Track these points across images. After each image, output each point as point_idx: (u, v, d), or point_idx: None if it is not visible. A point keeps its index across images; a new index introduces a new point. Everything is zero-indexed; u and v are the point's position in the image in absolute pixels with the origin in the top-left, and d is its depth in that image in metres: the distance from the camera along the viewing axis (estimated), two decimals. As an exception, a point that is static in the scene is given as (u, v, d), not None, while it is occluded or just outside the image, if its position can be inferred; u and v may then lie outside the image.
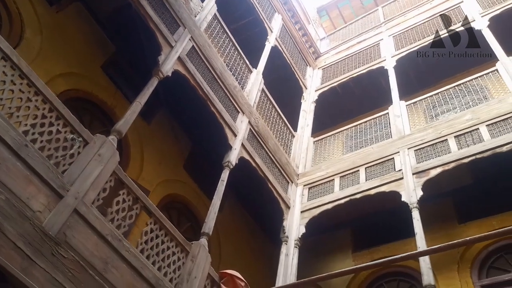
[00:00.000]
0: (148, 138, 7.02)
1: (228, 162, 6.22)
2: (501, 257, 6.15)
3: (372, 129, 7.99)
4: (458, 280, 6.13)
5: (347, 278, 7.05)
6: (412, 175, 6.38)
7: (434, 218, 6.52)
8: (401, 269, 6.79)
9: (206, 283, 4.89)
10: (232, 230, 7.97)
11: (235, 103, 7.01)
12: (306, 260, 6.78)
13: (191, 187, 7.55)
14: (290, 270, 6.23)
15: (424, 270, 5.07)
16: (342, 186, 7.14)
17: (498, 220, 6.40)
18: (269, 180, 7.02)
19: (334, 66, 10.73)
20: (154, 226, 4.57)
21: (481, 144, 6.13)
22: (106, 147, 4.29)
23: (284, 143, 8.17)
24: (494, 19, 8.15)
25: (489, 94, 6.98)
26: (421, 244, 5.41)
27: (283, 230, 6.82)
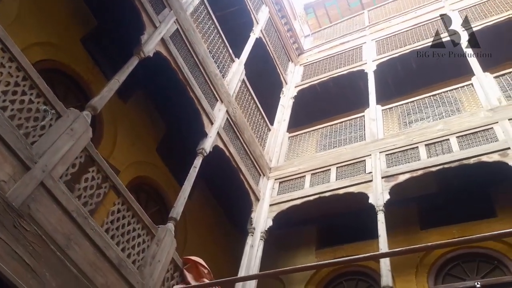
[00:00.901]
0: (123, 118, 6.90)
1: (202, 149, 6.19)
2: (457, 265, 6.36)
3: (347, 130, 8.10)
4: (415, 284, 6.31)
5: (309, 273, 7.16)
6: (381, 179, 6.52)
7: (398, 222, 6.68)
8: (361, 269, 6.94)
9: (169, 268, 4.88)
10: (200, 218, 7.96)
11: (215, 91, 6.97)
12: (271, 253, 6.85)
13: (162, 171, 7.48)
14: (254, 261, 6.28)
15: (384, 271, 5.20)
16: (313, 183, 7.23)
17: (459, 229, 6.61)
18: (241, 171, 7.03)
19: (315, 64, 10.80)
20: (121, 207, 4.51)
21: (450, 154, 6.31)
22: (79, 122, 4.20)
23: (259, 136, 8.19)
24: (474, 34, 8.35)
25: (462, 107, 7.18)
26: (383, 246, 5.54)
27: (251, 221, 6.86)
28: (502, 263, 6.08)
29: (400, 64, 9.39)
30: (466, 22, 8.85)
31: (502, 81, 7.05)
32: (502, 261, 6.08)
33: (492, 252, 6.18)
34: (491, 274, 6.07)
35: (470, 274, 6.17)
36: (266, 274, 5.23)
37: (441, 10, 9.73)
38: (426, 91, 8.27)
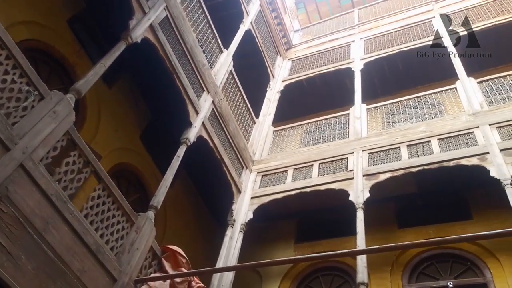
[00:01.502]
0: (107, 103, 6.82)
1: (186, 138, 6.16)
2: (432, 264, 6.49)
3: (331, 127, 8.16)
4: (390, 281, 6.42)
5: (286, 267, 7.23)
6: (363, 177, 6.60)
7: (376, 220, 6.77)
8: (338, 265, 7.03)
9: (148, 256, 4.86)
10: (180, 207, 7.94)
11: (202, 81, 6.93)
12: (250, 245, 6.88)
13: (144, 158, 7.43)
14: (233, 253, 6.30)
15: (360, 268, 5.28)
16: (295, 178, 7.27)
17: (435, 230, 6.75)
18: (224, 163, 7.03)
19: (303, 59, 10.83)
20: (102, 193, 4.47)
21: (431, 156, 6.42)
22: (62, 105, 4.13)
23: (244, 128, 8.19)
24: (460, 38, 8.47)
25: (445, 110, 7.30)
26: (361, 243, 5.62)
27: (231, 213, 6.87)
28: (475, 264, 6.23)
29: (387, 64, 9.48)
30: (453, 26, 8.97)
31: (485, 87, 7.18)
32: (475, 263, 6.23)
33: (466, 254, 6.33)
34: (463, 275, 6.22)
35: (443, 274, 6.31)
36: (244, 266, 5.26)
37: (430, 13, 9.85)
38: (411, 92, 8.38)
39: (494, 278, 5.94)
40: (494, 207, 6.29)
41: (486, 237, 5.08)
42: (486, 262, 6.13)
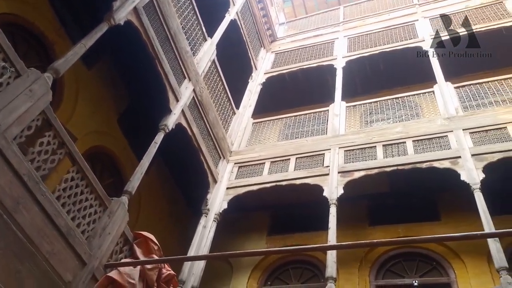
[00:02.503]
0: (85, 84, 6.69)
1: (164, 125, 6.11)
2: (399, 263, 6.66)
3: (310, 122, 8.23)
4: (357, 276, 6.56)
5: (257, 258, 7.28)
6: (338, 174, 6.69)
7: (348, 216, 6.87)
8: (308, 259, 7.13)
9: (119, 241, 4.82)
10: (155, 194, 7.90)
11: (184, 68, 6.87)
12: (222, 235, 6.90)
13: (121, 143, 7.34)
14: (205, 242, 6.32)
15: (329, 262, 5.37)
16: (271, 171, 7.32)
17: (404, 229, 6.91)
18: (202, 152, 7.01)
19: (287, 53, 10.84)
20: (76, 175, 4.41)
21: (405, 157, 6.56)
22: (39, 84, 4.04)
23: (224, 118, 8.17)
24: (441, 43, 8.64)
25: (422, 112, 7.45)
26: (332, 238, 5.72)
27: (206, 202, 6.88)
28: (440, 264, 6.42)
29: (369, 64, 9.59)
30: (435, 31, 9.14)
31: (461, 92, 7.36)
32: (441, 263, 6.42)
33: (432, 254, 6.51)
34: (429, 274, 6.40)
35: (409, 272, 6.48)
36: (215, 255, 5.30)
37: (414, 16, 10.00)
38: (390, 93, 8.51)
39: (458, 279, 6.14)
40: (462, 210, 6.47)
41: (453, 238, 5.25)
42: (451, 263, 6.32)
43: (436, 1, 10.31)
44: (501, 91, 7.05)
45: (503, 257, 4.77)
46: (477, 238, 5.49)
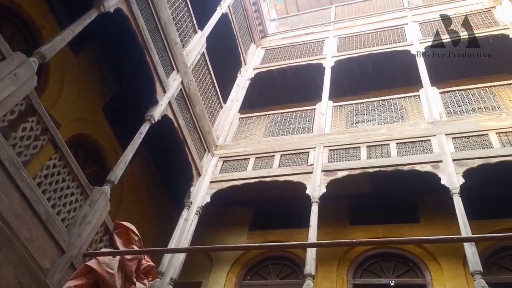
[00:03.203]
0: (72, 70, 6.60)
1: (151, 116, 6.07)
2: (377, 262, 6.76)
3: (296, 120, 8.26)
4: (336, 275, 6.64)
5: (237, 253, 7.31)
6: (321, 172, 6.74)
7: (330, 215, 6.93)
8: (288, 255, 7.19)
9: (100, 230, 4.80)
10: (138, 185, 7.85)
11: (172, 60, 6.83)
12: (204, 229, 6.91)
13: (106, 132, 7.27)
14: (186, 235, 6.32)
15: (309, 260, 5.42)
16: (255, 167, 7.34)
17: (383, 230, 7.02)
18: (187, 144, 6.99)
19: (277, 50, 10.85)
20: (58, 162, 4.36)
21: (388, 159, 6.64)
22: (24, 68, 3.98)
23: (210, 112, 8.15)
24: (429, 48, 8.75)
25: (407, 115, 7.55)
26: (313, 236, 5.77)
27: (189, 195, 6.86)
28: (417, 266, 6.54)
29: (357, 65, 9.65)
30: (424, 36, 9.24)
31: (446, 97, 7.47)
32: (417, 264, 6.54)
33: (410, 255, 6.63)
34: (405, 275, 6.51)
35: (387, 272, 6.59)
36: (196, 248, 5.31)
37: (404, 20, 10.10)
38: (377, 94, 8.60)
39: (433, 280, 6.27)
40: (441, 213, 6.59)
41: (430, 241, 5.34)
42: (427, 264, 6.44)
43: (426, 6, 10.43)
44: (485, 98, 7.18)
45: (478, 261, 4.87)
46: (454, 242, 5.60)
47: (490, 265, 6.19)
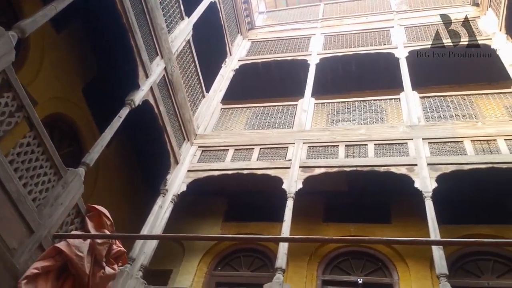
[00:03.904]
0: (52, 48, 6.45)
1: (131, 100, 5.99)
2: (347, 260, 6.87)
3: (278, 114, 8.28)
4: (306, 270, 6.72)
5: (210, 243, 7.33)
6: (299, 168, 6.78)
7: (304, 211, 6.98)
8: (260, 248, 7.24)
9: (71, 212, 4.73)
10: (114, 169, 7.76)
11: (157, 45, 6.75)
12: (178, 217, 6.88)
13: (84, 113, 7.14)
14: (160, 222, 6.28)
15: (280, 254, 5.45)
16: (234, 159, 7.33)
17: (356, 228, 7.14)
18: (166, 131, 6.93)
19: (263, 43, 10.82)
20: (32, 141, 4.27)
21: (365, 159, 6.73)
22: (2, 42, 3.88)
23: (192, 101, 8.09)
24: (413, 53, 8.87)
25: (386, 117, 7.64)
26: (286, 231, 5.80)
27: (165, 183, 6.82)
28: (385, 265, 6.67)
29: (342, 64, 9.71)
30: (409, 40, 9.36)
31: (426, 102, 7.59)
32: (386, 264, 6.67)
33: (379, 255, 6.76)
34: (374, 274, 6.64)
35: (356, 270, 6.71)
36: (168, 236, 5.29)
37: (390, 23, 10.19)
38: (359, 95, 8.69)
39: (400, 281, 6.41)
40: (412, 216, 6.72)
41: (400, 242, 5.46)
42: (395, 265, 6.58)
43: (412, 11, 10.55)
44: (463, 106, 7.33)
45: (444, 264, 4.99)
46: (422, 244, 5.73)
47: (456, 269, 6.36)
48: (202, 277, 7.07)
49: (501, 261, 6.38)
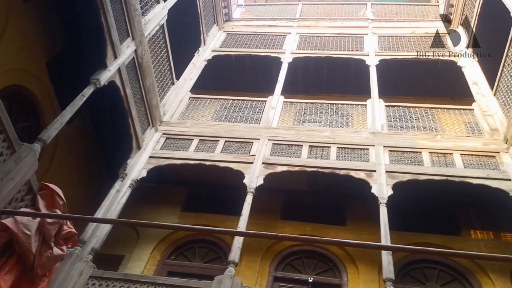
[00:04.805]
0: (17, 16, 6.17)
1: (96, 80, 5.84)
2: (300, 258, 6.97)
3: (246, 109, 8.28)
4: (259, 265, 6.77)
5: (166, 231, 7.28)
6: (261, 164, 6.82)
7: (263, 207, 7.04)
8: (216, 240, 7.24)
9: (22, 189, 4.56)
10: (73, 148, 7.54)
11: (129, 26, 6.60)
12: (135, 203, 6.77)
13: (46, 88, 6.89)
14: (115, 206, 6.17)
15: (235, 248, 5.49)
16: (198, 149, 7.28)
17: (311, 228, 7.25)
18: (131, 115, 6.79)
19: (239, 36, 10.78)
20: (-14, 111, 4.10)
21: (327, 161, 6.83)
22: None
23: (161, 86, 7.97)
24: (383, 61, 9.06)
25: (352, 122, 7.79)
26: (242, 225, 5.83)
27: (125, 167, 6.70)
28: (336, 266, 6.81)
29: (314, 65, 9.81)
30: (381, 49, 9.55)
31: (390, 111, 7.78)
32: (337, 265, 6.81)
33: (332, 256, 6.90)
34: (324, 274, 6.77)
35: (307, 269, 6.82)
36: (122, 221, 5.20)
37: (364, 30, 10.35)
38: (327, 97, 8.82)
39: (349, 282, 6.56)
40: (367, 220, 6.88)
41: (351, 245, 5.53)
42: (346, 266, 6.73)
43: (387, 21, 10.75)
44: (425, 118, 7.56)
45: (392, 269, 5.15)
46: (372, 248, 5.86)
47: (403, 275, 6.58)
48: (154, 265, 7.00)
49: (446, 271, 6.64)
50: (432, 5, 11.49)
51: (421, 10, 11.11)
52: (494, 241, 7.00)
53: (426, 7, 11.31)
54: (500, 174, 6.26)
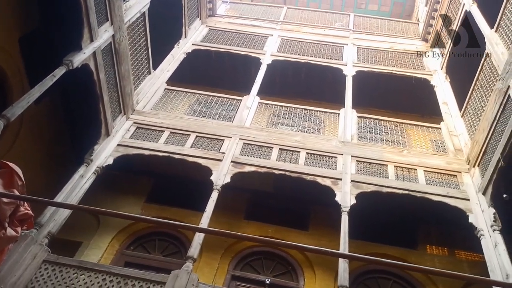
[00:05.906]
0: (-8, -12, 5.99)
1: (69, 61, 5.73)
2: (259, 259, 7.02)
3: (221, 106, 8.26)
4: (218, 263, 6.79)
5: (127, 221, 7.17)
6: (230, 162, 6.83)
7: (227, 205, 7.07)
8: (177, 234, 7.20)
9: (-21, 165, 4.43)
10: (39, 129, 7.34)
11: (109, 10, 6.49)
12: (99, 190, 6.67)
13: (16, 64, 6.68)
14: (77, 191, 6.06)
15: (195, 243, 5.48)
16: (168, 142, 7.23)
17: (274, 230, 7.31)
18: (102, 100, 6.68)
19: (221, 32, 10.76)
20: None
21: (295, 165, 6.90)
22: None
23: (137, 75, 7.87)
24: (360, 73, 9.22)
25: (323, 129, 7.89)
26: (205, 221, 5.83)
27: (91, 152, 6.58)
28: (294, 270, 6.89)
29: (292, 69, 9.88)
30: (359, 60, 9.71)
31: (361, 122, 7.93)
32: (295, 269, 6.90)
33: (291, 259, 6.97)
34: (282, 276, 6.85)
35: (266, 270, 6.87)
36: (82, 208, 5.08)
37: (345, 40, 10.50)
38: (303, 103, 8.92)
39: (305, 286, 6.66)
40: (328, 227, 6.97)
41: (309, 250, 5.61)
42: (304, 271, 6.83)
43: (368, 34, 10.94)
44: (394, 132, 7.74)
45: (347, 277, 5.25)
46: (329, 255, 5.88)
47: (358, 284, 6.73)
48: (112, 254, 6.91)
49: (400, 283, 6.82)
50: (412, 23, 11.78)
51: (402, 27, 11.35)
52: (448, 258, 7.24)
53: (407, 24, 11.58)
54: (459, 193, 6.46)
